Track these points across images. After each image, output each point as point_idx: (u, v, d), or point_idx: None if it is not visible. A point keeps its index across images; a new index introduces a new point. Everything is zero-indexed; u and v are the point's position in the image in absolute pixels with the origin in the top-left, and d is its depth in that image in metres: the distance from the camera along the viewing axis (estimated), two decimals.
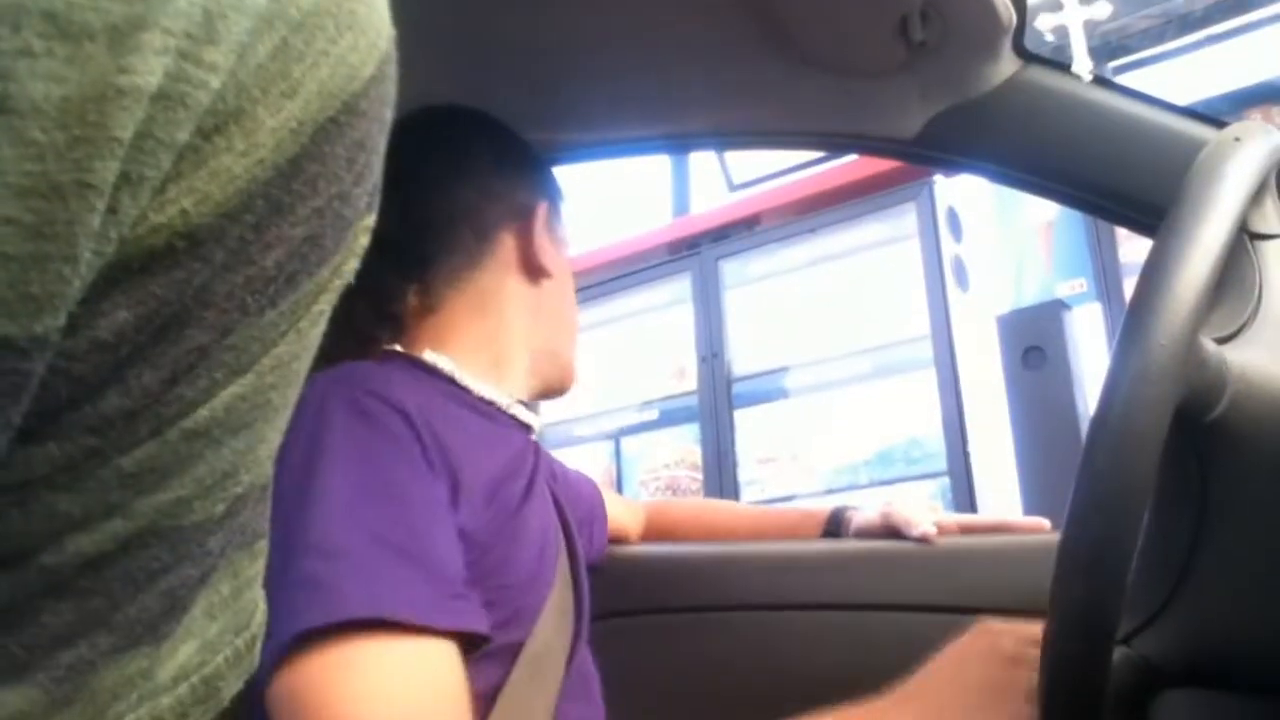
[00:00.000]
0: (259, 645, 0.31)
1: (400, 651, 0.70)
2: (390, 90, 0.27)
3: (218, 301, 0.23)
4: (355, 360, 0.89)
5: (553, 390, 1.09)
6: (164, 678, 0.27)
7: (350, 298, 0.94)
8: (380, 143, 0.28)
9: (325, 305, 0.28)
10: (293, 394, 0.28)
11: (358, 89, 0.25)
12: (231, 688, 0.30)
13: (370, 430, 0.79)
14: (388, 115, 0.27)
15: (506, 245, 1.03)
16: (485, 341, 1.00)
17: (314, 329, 0.28)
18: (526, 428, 1.02)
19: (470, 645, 0.76)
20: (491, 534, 0.85)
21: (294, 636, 0.68)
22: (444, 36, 1.12)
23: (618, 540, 1.36)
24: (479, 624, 0.77)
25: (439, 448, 0.82)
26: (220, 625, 0.30)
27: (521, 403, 1.03)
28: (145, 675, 0.26)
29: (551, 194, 1.10)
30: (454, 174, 1.01)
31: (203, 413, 0.24)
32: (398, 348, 0.98)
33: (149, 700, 0.27)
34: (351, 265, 0.29)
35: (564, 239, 1.10)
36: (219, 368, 0.24)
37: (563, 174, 1.18)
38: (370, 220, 0.29)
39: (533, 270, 1.04)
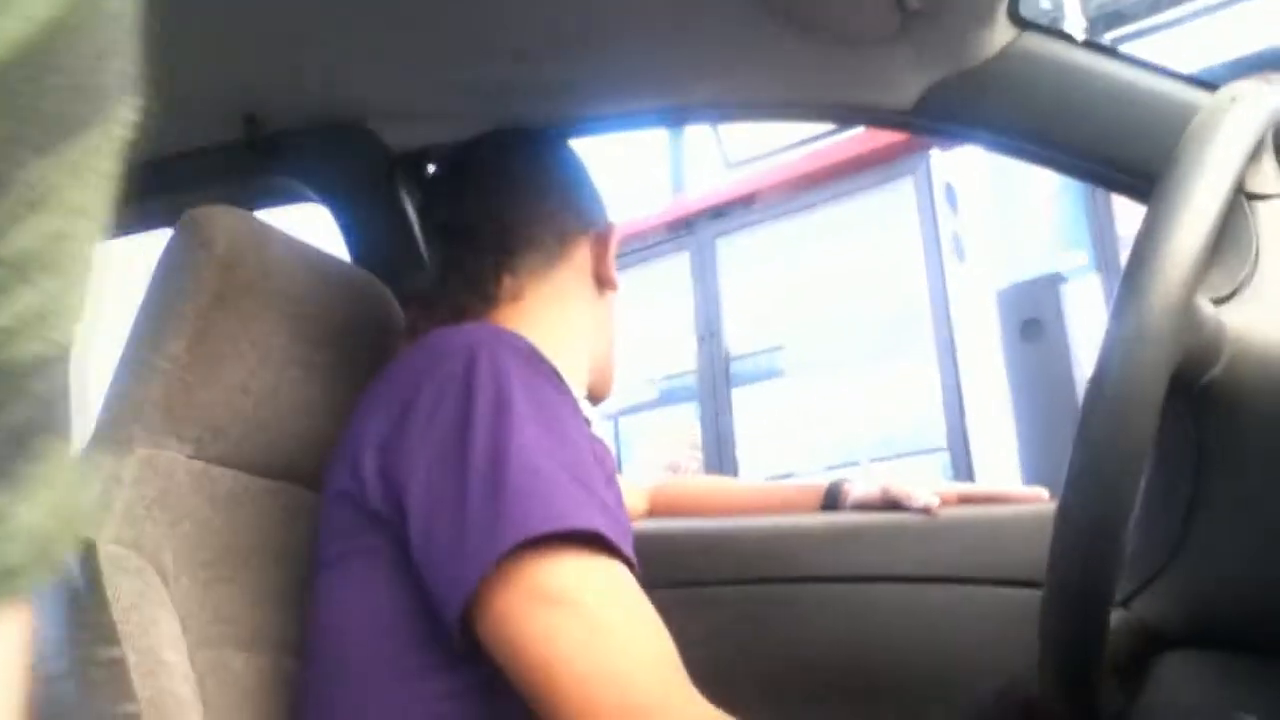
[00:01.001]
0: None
1: (614, 567, 0.77)
2: None
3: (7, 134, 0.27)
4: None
5: (596, 396, 1.18)
6: (19, 525, 0.29)
7: (447, 274, 0.95)
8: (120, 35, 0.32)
9: (102, 169, 0.32)
10: (91, 252, 0.32)
11: None
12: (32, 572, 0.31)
13: (546, 381, 0.88)
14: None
15: (581, 252, 1.13)
16: (559, 334, 1.08)
17: (99, 191, 0.32)
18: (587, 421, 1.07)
19: None
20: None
21: (521, 542, 0.73)
22: (447, 11, 1.11)
23: None
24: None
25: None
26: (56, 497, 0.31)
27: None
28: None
29: (609, 218, 1.19)
30: (539, 184, 1.12)
31: (12, 239, 0.27)
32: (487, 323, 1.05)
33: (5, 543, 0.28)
34: (117, 136, 0.33)
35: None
36: (18, 200, 0.27)
37: None
38: (129, 104, 0.34)
39: (602, 280, 1.15)
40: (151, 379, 0.94)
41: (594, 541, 0.76)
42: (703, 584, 1.30)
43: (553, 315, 1.08)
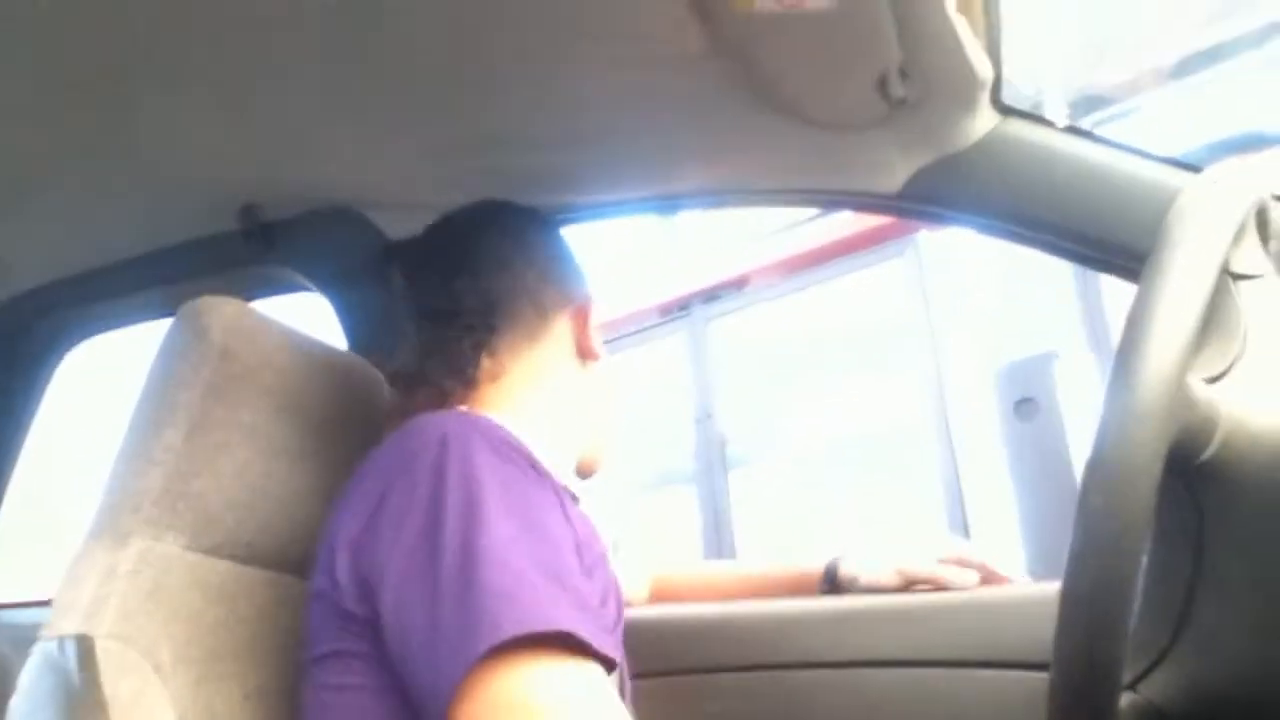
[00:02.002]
0: None
1: (588, 669, 0.75)
2: None
3: None
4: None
5: (586, 470, 1.16)
6: None
7: (427, 358, 0.94)
8: None
9: None
10: None
11: None
12: None
13: (519, 470, 0.86)
14: None
15: (563, 326, 1.12)
16: (541, 412, 1.07)
17: None
18: (574, 498, 1.06)
19: None
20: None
21: (493, 647, 0.71)
22: (441, 101, 1.14)
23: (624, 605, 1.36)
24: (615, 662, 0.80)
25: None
26: None
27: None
28: None
29: (589, 288, 1.18)
30: (520, 259, 1.11)
31: None
32: (464, 409, 1.03)
33: None
34: None
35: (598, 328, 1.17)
36: None
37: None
38: None
39: (585, 352, 1.13)
40: (149, 470, 0.93)
41: (566, 641, 0.74)
42: (700, 671, 1.28)
43: (534, 392, 1.08)
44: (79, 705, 0.81)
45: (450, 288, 1.08)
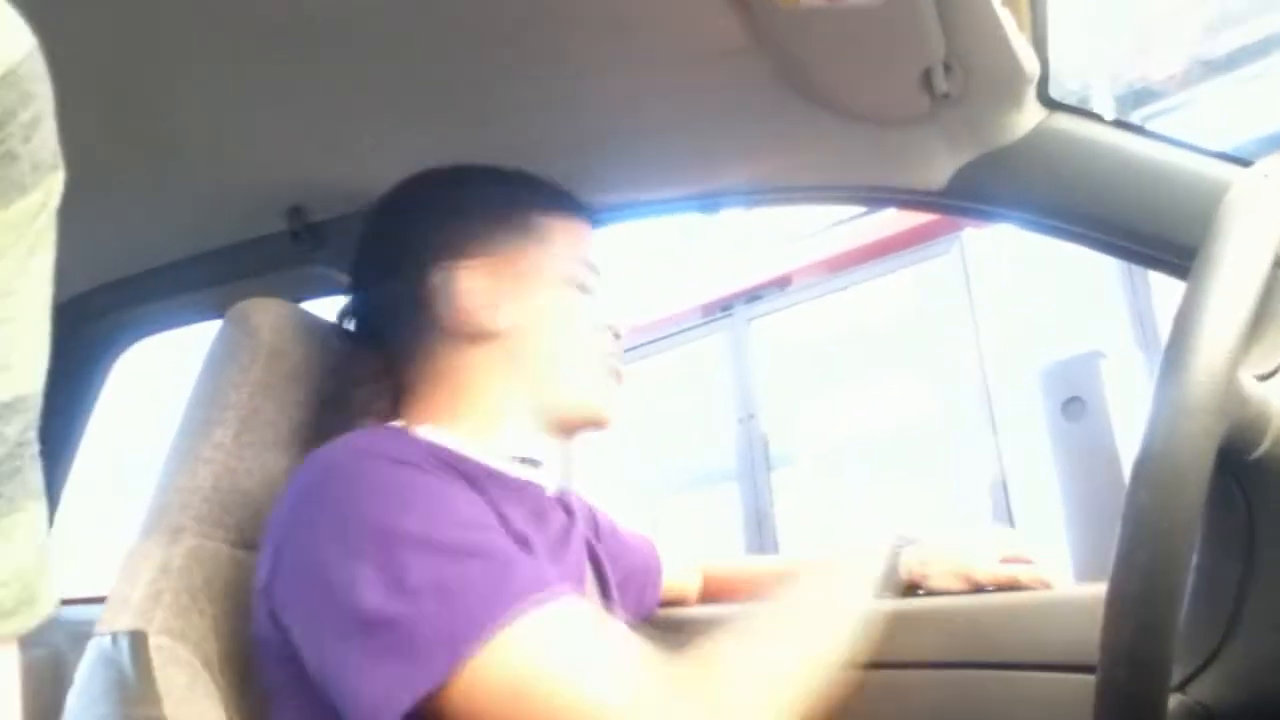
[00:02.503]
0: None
1: (575, 615, 0.78)
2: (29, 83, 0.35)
3: None
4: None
5: (576, 426, 1.05)
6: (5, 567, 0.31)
7: (341, 379, 0.95)
8: (37, 115, 0.36)
9: (40, 229, 0.35)
10: (34, 318, 0.35)
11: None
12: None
13: (414, 471, 0.85)
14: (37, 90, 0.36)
15: (445, 315, 1.01)
16: (462, 409, 1.00)
17: (39, 248, 0.35)
18: (535, 484, 1.03)
19: None
20: None
21: (477, 641, 0.72)
22: (484, 99, 1.14)
23: (675, 602, 1.36)
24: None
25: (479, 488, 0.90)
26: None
27: (529, 460, 1.03)
28: None
29: (495, 236, 1.05)
30: (395, 254, 1.05)
31: None
32: (397, 424, 1.00)
33: None
34: (51, 200, 0.37)
35: (537, 266, 1.05)
36: None
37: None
38: (58, 177, 0.38)
39: (476, 335, 1.01)
40: (199, 468, 0.95)
41: (517, 616, 0.74)
42: None
43: (444, 395, 1.01)
44: (132, 699, 0.83)
45: (353, 304, 1.09)
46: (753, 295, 4.61)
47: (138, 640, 0.85)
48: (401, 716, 0.72)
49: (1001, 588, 1.18)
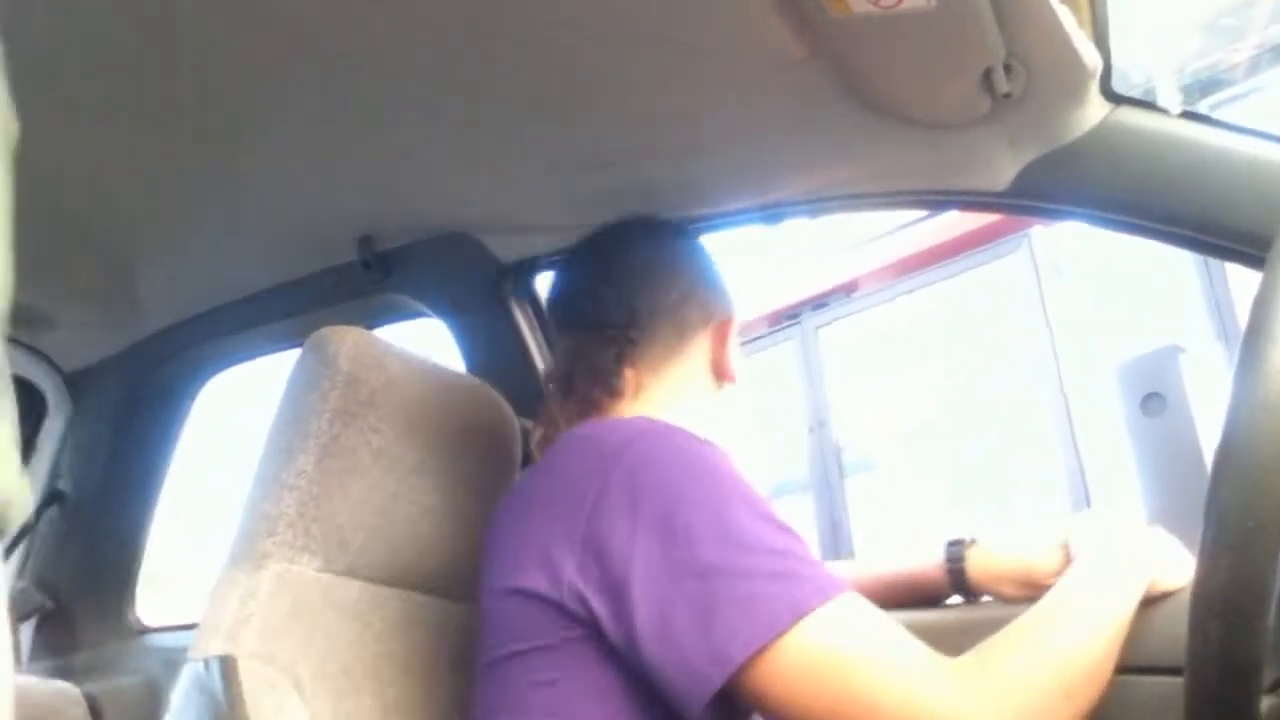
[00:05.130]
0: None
1: (862, 609, 0.81)
2: None
3: None
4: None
5: None
6: None
7: (573, 367, 1.03)
8: None
9: None
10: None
11: None
12: None
13: (719, 456, 0.91)
14: None
15: (701, 345, 1.13)
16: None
17: None
18: None
19: None
20: None
21: (788, 624, 0.77)
22: (547, 124, 1.16)
23: None
24: None
25: None
26: None
27: None
28: None
29: (733, 306, 1.19)
30: (663, 276, 1.13)
31: None
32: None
33: None
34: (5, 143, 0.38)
35: (739, 346, 1.19)
36: None
37: None
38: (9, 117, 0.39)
39: (721, 372, 1.14)
40: (283, 495, 0.98)
41: (834, 594, 0.79)
42: None
43: (672, 408, 1.07)
44: None
45: (594, 298, 1.11)
46: (819, 303, 4.58)
47: (228, 665, 0.87)
48: (733, 670, 0.76)
49: None
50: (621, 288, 1.11)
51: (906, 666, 0.78)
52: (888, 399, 4.21)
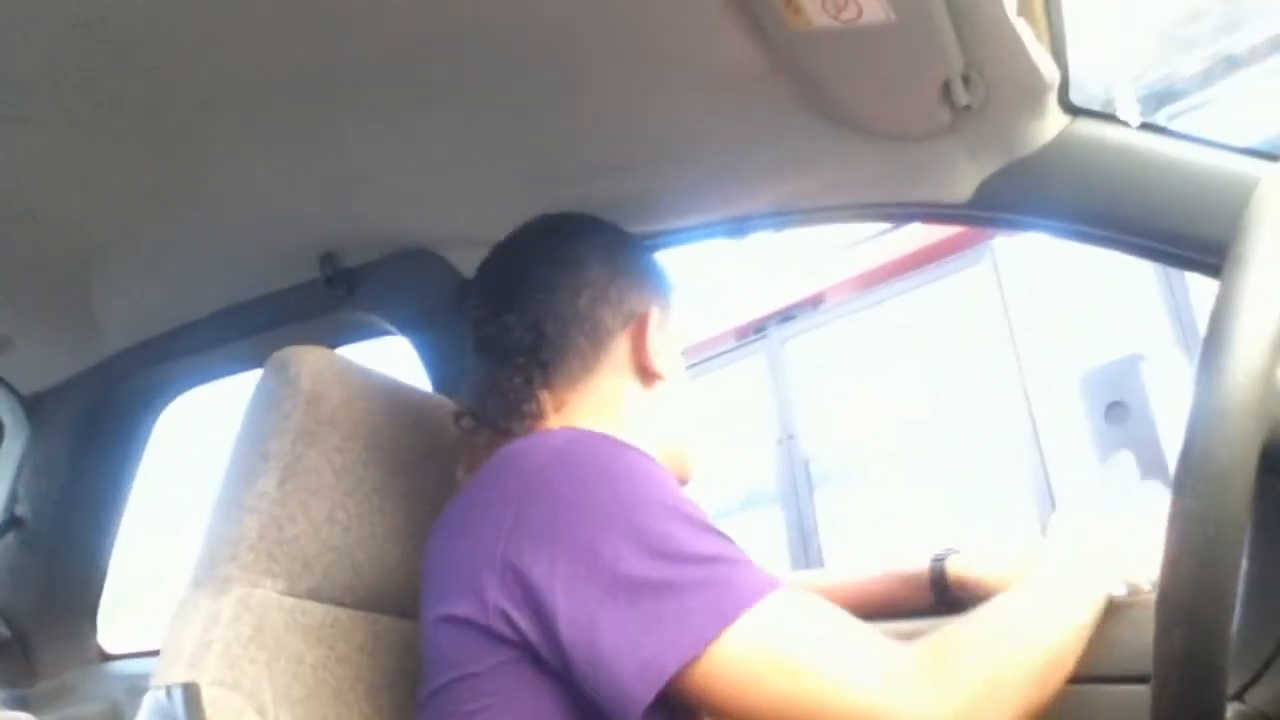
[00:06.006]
0: None
1: (803, 604, 0.80)
2: None
3: None
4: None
5: (678, 473, 1.09)
6: None
7: (483, 396, 0.95)
8: None
9: None
10: None
11: None
12: None
13: (637, 454, 0.89)
14: None
15: (620, 349, 1.07)
16: (618, 434, 1.01)
17: None
18: None
19: None
20: None
21: (717, 631, 0.76)
22: (511, 138, 1.16)
23: None
24: None
25: None
26: None
27: None
28: None
29: (662, 292, 1.14)
30: (567, 283, 1.07)
31: None
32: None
33: None
34: None
35: (678, 331, 1.14)
36: None
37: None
38: None
39: (645, 373, 1.08)
40: (245, 518, 0.96)
41: (767, 594, 0.78)
42: None
43: (600, 418, 1.03)
44: None
45: (499, 321, 1.06)
46: (786, 316, 4.60)
47: (191, 692, 0.86)
48: (665, 683, 0.75)
49: None
50: (525, 308, 1.05)
51: (853, 659, 0.77)
52: (855, 410, 4.23)
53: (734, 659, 0.76)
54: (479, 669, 0.85)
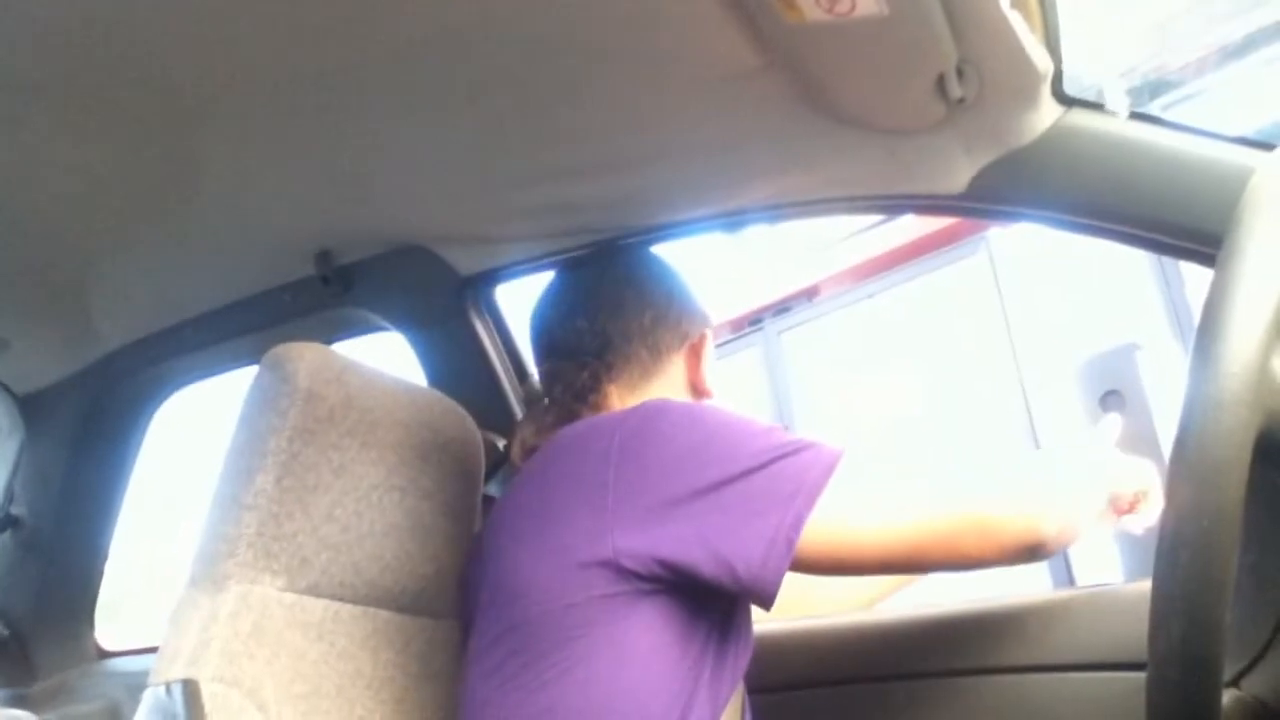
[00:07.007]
0: None
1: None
2: None
3: None
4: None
5: None
6: None
7: (552, 386, 1.10)
8: None
9: None
10: None
11: None
12: None
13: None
14: None
15: (677, 365, 1.18)
16: None
17: None
18: None
19: None
20: None
21: (808, 503, 0.89)
22: (506, 136, 1.16)
23: None
24: None
25: None
26: None
27: None
28: None
29: (709, 321, 1.25)
30: (634, 304, 1.18)
31: None
32: None
33: None
34: None
35: (713, 356, 1.25)
36: None
37: None
38: None
39: (697, 390, 1.20)
40: (243, 516, 0.96)
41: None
42: (797, 687, 1.28)
43: None
44: None
45: (570, 327, 1.16)
46: (781, 308, 4.60)
47: (191, 689, 0.86)
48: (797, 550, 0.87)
49: None
50: (594, 317, 1.16)
51: (933, 480, 0.99)
52: (851, 401, 4.23)
53: (840, 507, 0.89)
54: (576, 599, 0.89)
